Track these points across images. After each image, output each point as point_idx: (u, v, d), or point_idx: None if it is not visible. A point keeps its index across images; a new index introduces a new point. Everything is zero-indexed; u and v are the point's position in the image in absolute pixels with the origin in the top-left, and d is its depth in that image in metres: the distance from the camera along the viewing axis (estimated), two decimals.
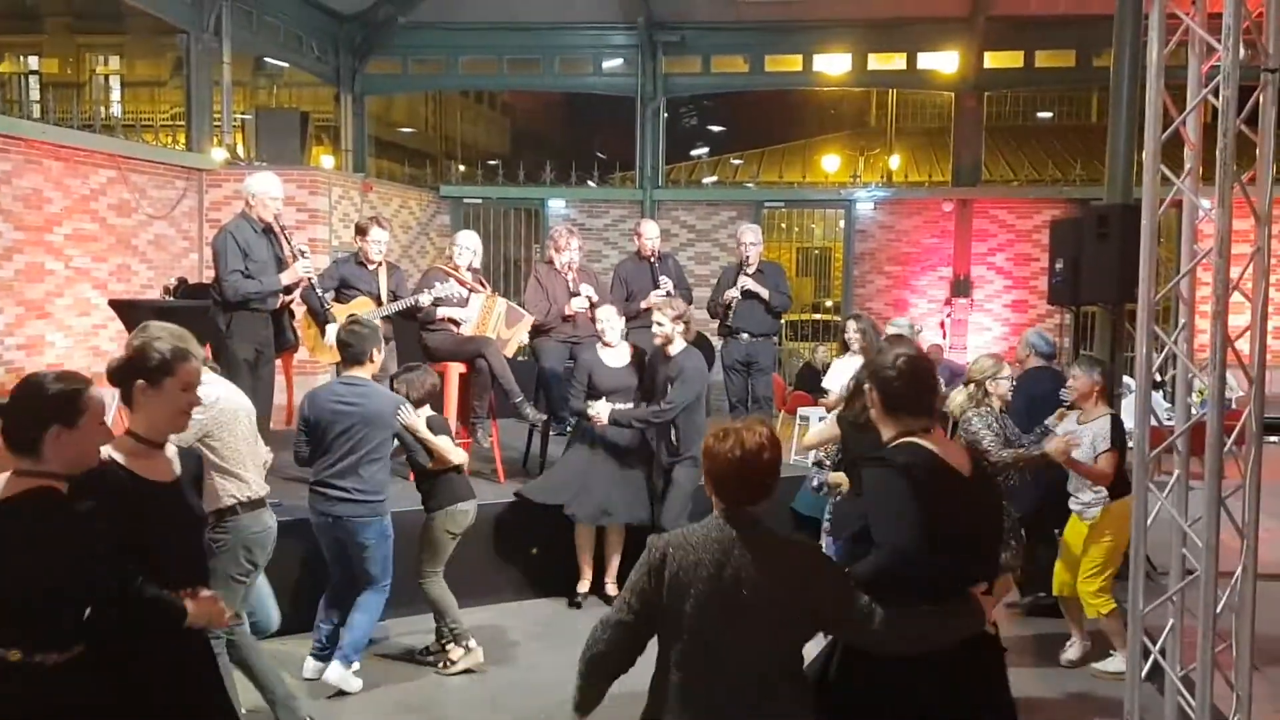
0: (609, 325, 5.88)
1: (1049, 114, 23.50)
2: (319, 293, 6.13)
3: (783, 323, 7.70)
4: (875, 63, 14.60)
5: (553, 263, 6.91)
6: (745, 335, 7.27)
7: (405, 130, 22.77)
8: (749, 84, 15.74)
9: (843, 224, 14.44)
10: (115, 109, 17.96)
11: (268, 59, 14.92)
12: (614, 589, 5.85)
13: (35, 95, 17.46)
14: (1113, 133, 7.46)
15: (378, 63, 14.76)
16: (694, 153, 22.87)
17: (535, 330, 6.82)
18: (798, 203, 15.35)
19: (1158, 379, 7.93)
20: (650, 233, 7.25)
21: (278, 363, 6.30)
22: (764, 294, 7.20)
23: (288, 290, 6.05)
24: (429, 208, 14.37)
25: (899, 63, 14.61)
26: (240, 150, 12.29)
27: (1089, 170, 14.73)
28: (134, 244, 10.31)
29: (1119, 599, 5.13)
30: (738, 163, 20.54)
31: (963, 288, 13.81)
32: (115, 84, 19.67)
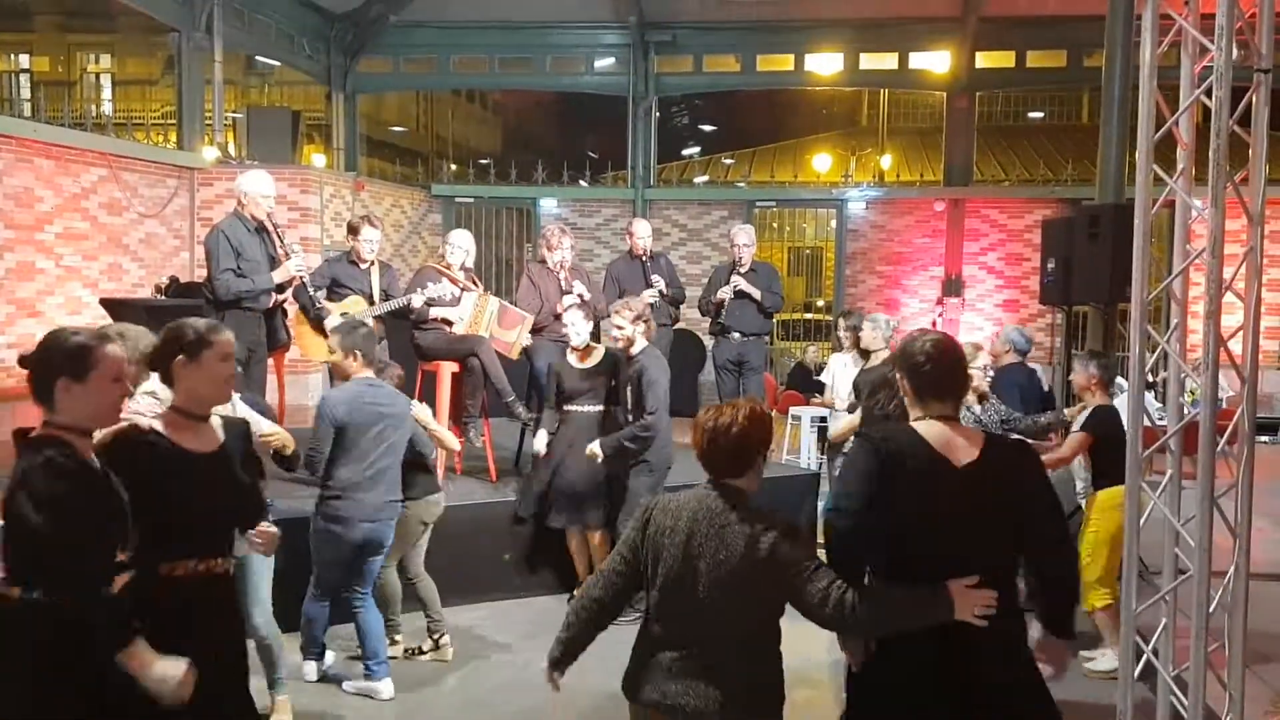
0: (575, 329, 5.78)
1: (1040, 114, 23.57)
2: (310, 291, 6.11)
3: (774, 322, 7.70)
4: (867, 62, 14.62)
5: (545, 262, 6.90)
6: (737, 335, 7.28)
7: (397, 129, 22.69)
8: (741, 83, 15.76)
9: (834, 223, 14.46)
10: (106, 107, 17.87)
11: (259, 58, 14.88)
12: None
13: (26, 93, 17.36)
14: (1104, 133, 7.50)
15: (369, 61, 14.73)
16: (685, 152, 22.87)
17: (530, 332, 6.81)
18: (789, 202, 15.36)
19: (1149, 379, 7.96)
20: (642, 231, 7.25)
21: (269, 361, 6.29)
22: (756, 294, 7.20)
23: (280, 289, 6.04)
24: (420, 207, 14.35)
25: (891, 62, 14.64)
26: (231, 149, 12.22)
27: (1080, 170, 14.79)
28: (125, 243, 10.27)
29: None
30: (729, 162, 20.55)
31: (954, 287, 13.85)
32: (106, 82, 19.56)
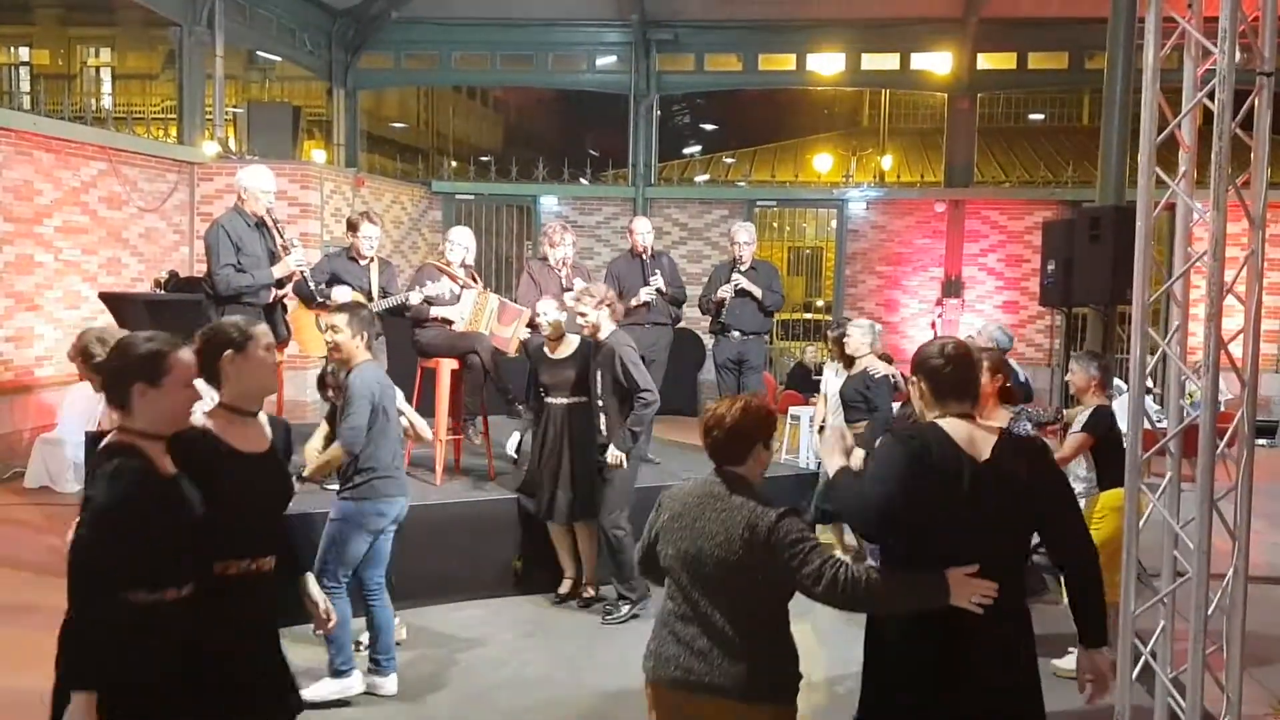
0: (545, 318, 5.73)
1: (1040, 115, 23.58)
2: (311, 285, 6.10)
3: (774, 321, 7.69)
4: (868, 62, 14.61)
5: (546, 259, 6.90)
6: (737, 334, 7.27)
7: (397, 125, 22.68)
8: (742, 83, 15.75)
9: (835, 224, 14.45)
10: (106, 101, 17.83)
11: (260, 52, 14.85)
12: (590, 591, 5.75)
13: (26, 86, 17.32)
14: (1105, 135, 7.51)
15: (370, 57, 14.71)
16: (686, 151, 22.87)
17: (528, 326, 6.81)
18: (790, 202, 15.36)
19: (1149, 383, 7.98)
20: (642, 229, 7.24)
21: None
22: (757, 293, 7.19)
23: (280, 284, 6.04)
24: (421, 203, 14.34)
25: (892, 63, 14.63)
26: (232, 144, 12.21)
27: (1080, 172, 14.79)
28: (125, 237, 10.25)
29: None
30: (730, 161, 20.56)
31: (954, 288, 13.85)
32: (106, 76, 19.53)
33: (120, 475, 2.43)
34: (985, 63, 14.39)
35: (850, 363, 6.23)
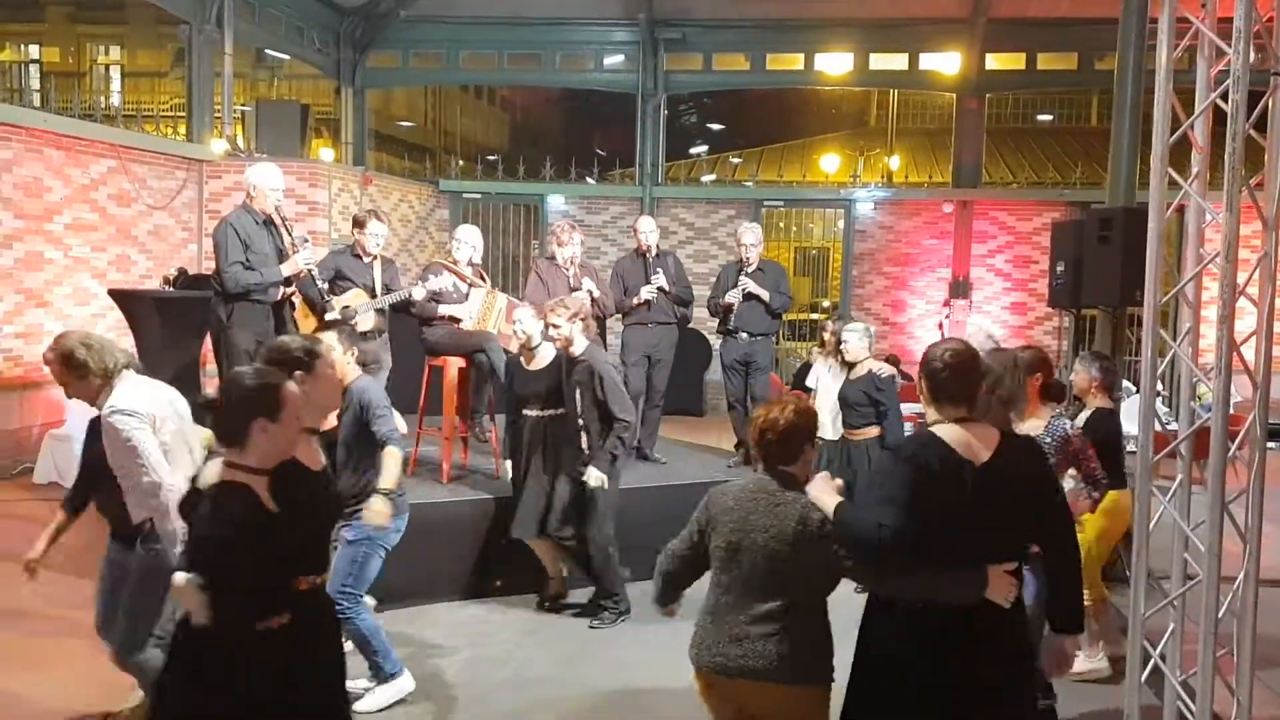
0: (521, 327, 5.52)
1: (1049, 116, 23.51)
2: (318, 284, 6.11)
3: (781, 322, 7.66)
4: (877, 62, 14.59)
5: (554, 258, 6.90)
6: (744, 335, 7.24)
7: (405, 124, 22.72)
8: (750, 82, 15.73)
9: (842, 224, 14.43)
10: (115, 99, 17.88)
11: (269, 51, 14.88)
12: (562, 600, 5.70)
13: (36, 84, 17.38)
14: (1115, 136, 7.47)
15: (378, 56, 14.73)
16: (693, 150, 22.85)
17: None
18: (797, 202, 15.34)
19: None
20: (646, 228, 7.23)
21: None
22: (765, 296, 7.16)
23: (288, 282, 6.04)
24: (428, 202, 14.35)
25: (900, 63, 14.61)
26: (240, 142, 12.23)
27: (1089, 173, 14.75)
28: (133, 234, 10.27)
29: (1115, 601, 5.14)
30: (737, 161, 20.53)
31: (962, 289, 13.82)
32: (116, 74, 19.59)
33: (234, 520, 2.51)
34: (994, 63, 14.36)
35: (851, 367, 6.17)
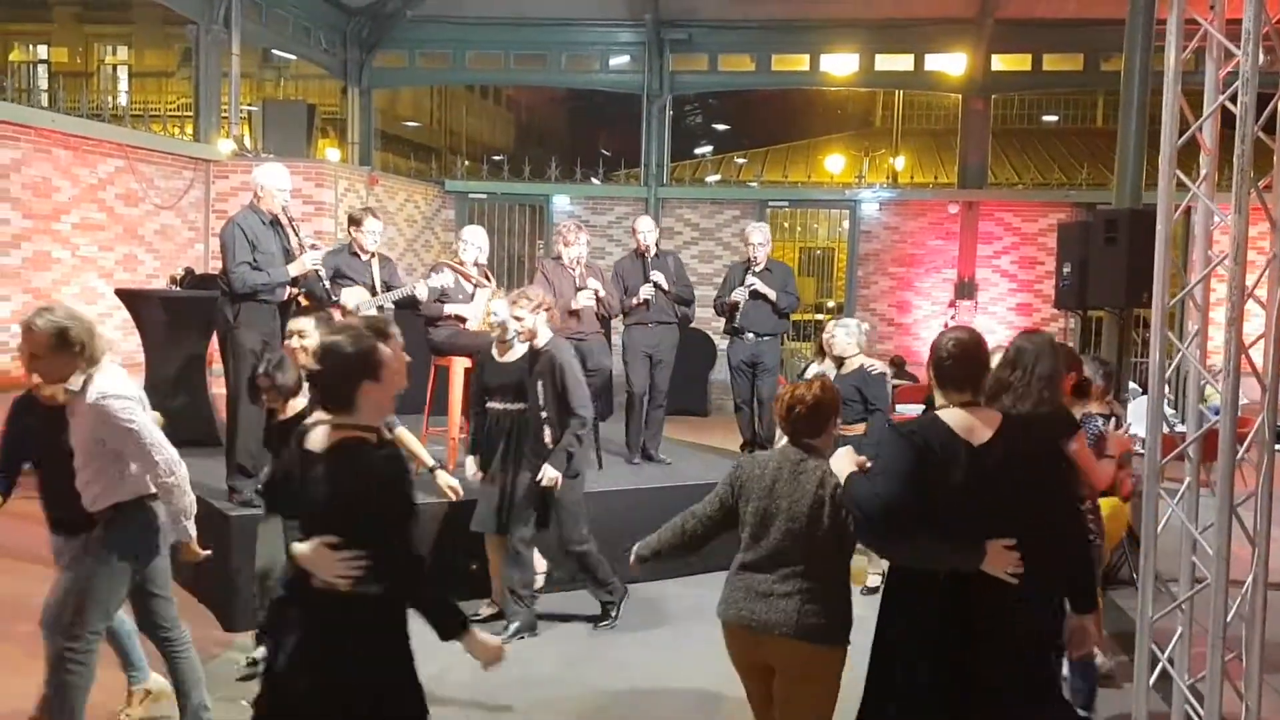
0: (494, 319, 5.36)
1: (1054, 117, 23.48)
2: (325, 284, 6.11)
3: (788, 322, 7.63)
4: (882, 63, 14.58)
5: (560, 258, 6.89)
6: (751, 335, 7.23)
7: (410, 124, 22.74)
8: (756, 83, 15.73)
9: (847, 224, 14.42)
10: (123, 99, 17.92)
11: (275, 51, 14.90)
12: (491, 609, 5.47)
13: (44, 84, 17.42)
14: (1122, 137, 7.45)
15: (385, 56, 14.75)
16: (698, 151, 22.87)
17: None
18: (802, 202, 15.33)
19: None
20: (644, 227, 7.22)
21: None
22: (771, 295, 7.15)
23: (295, 282, 6.05)
24: (434, 202, 14.36)
25: (906, 63, 14.60)
26: (247, 142, 12.25)
27: (1095, 174, 14.73)
28: (141, 233, 10.30)
29: (1122, 605, 5.13)
30: (742, 161, 20.54)
31: (967, 290, 13.80)
32: (123, 74, 19.63)
33: (397, 463, 2.63)
34: (1000, 64, 14.34)
35: (841, 363, 6.10)
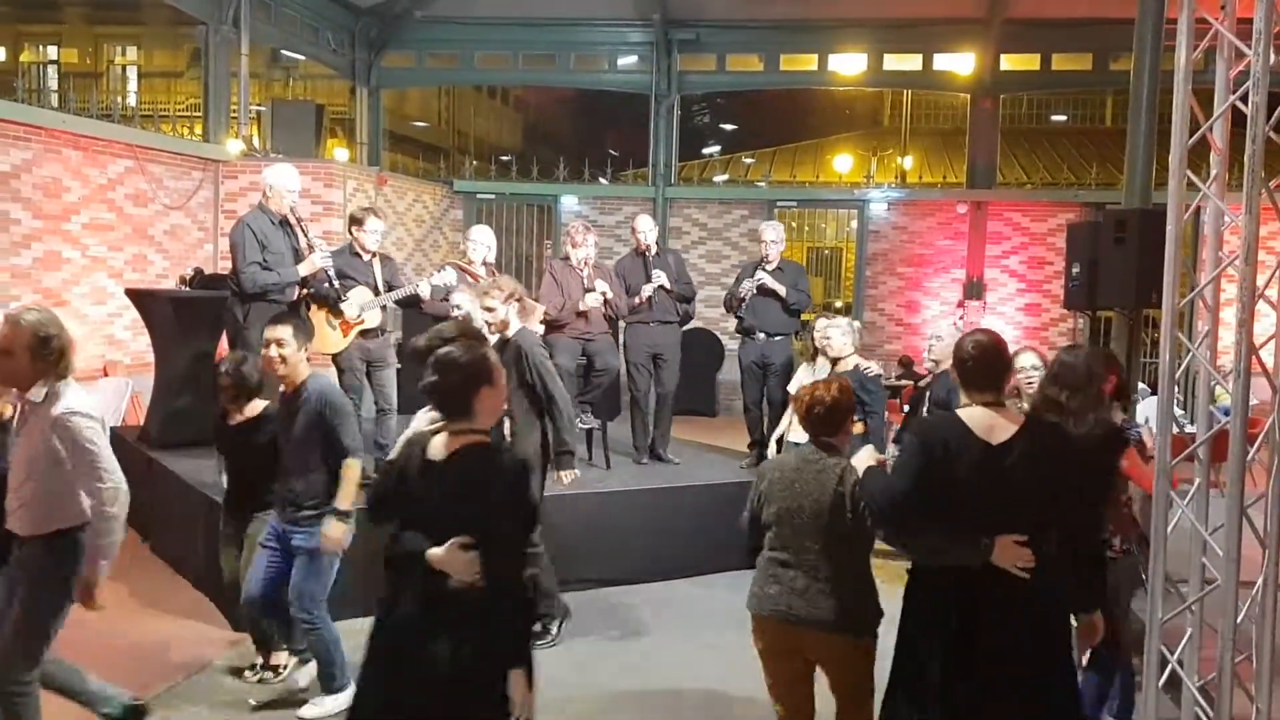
0: (462, 312, 5.30)
1: (1063, 116, 23.39)
2: (335, 284, 6.13)
3: (799, 322, 7.59)
4: (891, 63, 14.55)
5: (568, 258, 6.90)
6: (761, 335, 7.22)
7: (419, 124, 22.78)
8: (764, 83, 15.70)
9: (855, 224, 14.40)
10: (132, 99, 17.99)
11: (284, 51, 14.94)
12: None
13: (54, 84, 17.49)
14: (1131, 137, 7.42)
15: (393, 56, 14.77)
16: (706, 150, 22.83)
17: (548, 325, 6.80)
18: (810, 202, 15.31)
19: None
20: (644, 226, 7.22)
21: None
22: (780, 290, 7.13)
23: (304, 282, 6.07)
24: (442, 202, 14.38)
25: (915, 63, 14.57)
26: (256, 142, 12.29)
27: (1104, 174, 14.68)
28: (150, 234, 10.34)
29: (1132, 606, 5.11)
30: (750, 161, 20.49)
31: (976, 290, 13.77)
32: (133, 74, 19.71)
33: (518, 461, 2.74)
34: (1008, 63, 14.30)
35: (835, 364, 5.99)
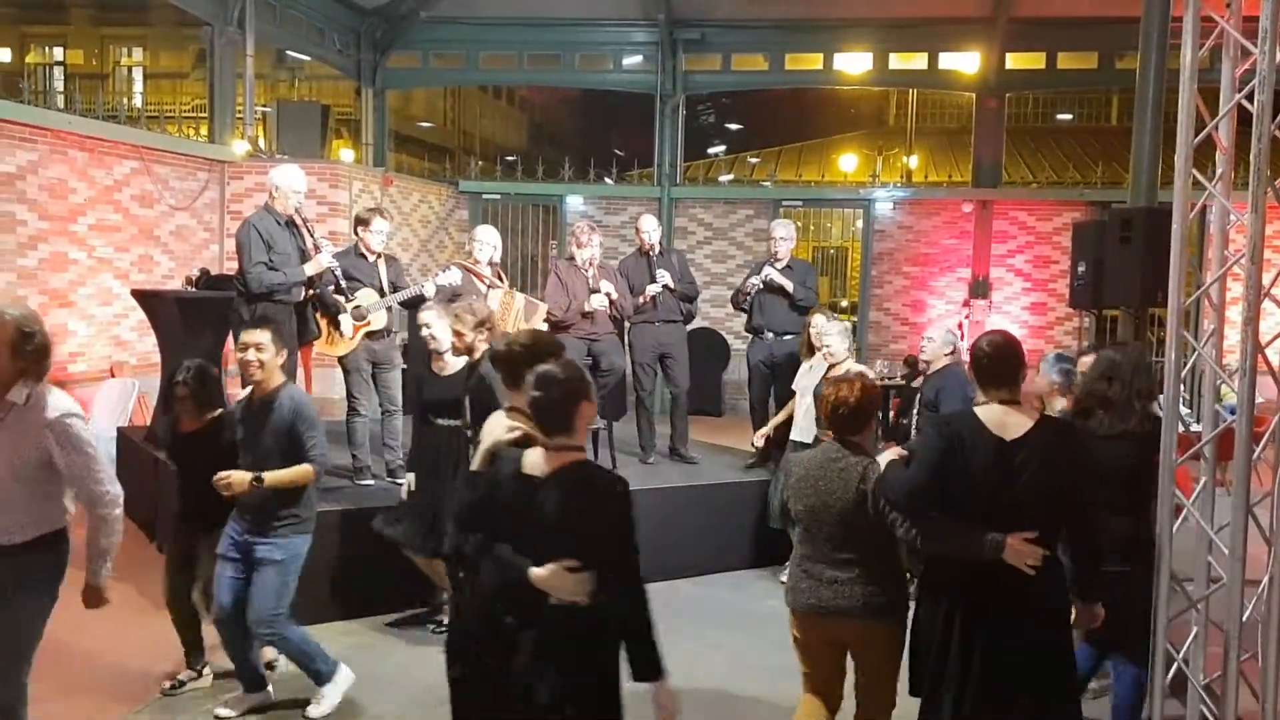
0: (431, 331, 5.20)
1: (1069, 116, 23.36)
2: (341, 284, 6.15)
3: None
4: (896, 62, 14.53)
5: (574, 259, 6.91)
6: (770, 334, 7.21)
7: (424, 125, 22.80)
8: (769, 82, 15.69)
9: (861, 223, 14.39)
10: (138, 100, 18.04)
11: (290, 52, 14.96)
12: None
13: (60, 86, 17.54)
14: (1136, 136, 7.42)
15: (398, 57, 14.78)
16: (711, 150, 22.83)
17: (554, 326, 6.82)
18: (816, 202, 15.29)
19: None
20: (647, 226, 7.23)
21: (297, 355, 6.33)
22: (788, 286, 7.12)
23: (310, 282, 6.09)
24: (448, 202, 14.40)
25: (920, 62, 14.54)
26: (261, 143, 12.31)
27: (1109, 173, 14.65)
28: (156, 234, 10.36)
29: None
30: (755, 161, 20.49)
31: (981, 289, 13.75)
32: (139, 75, 19.76)
33: (620, 478, 2.80)
34: (1014, 62, 14.27)
35: (832, 368, 6.03)
